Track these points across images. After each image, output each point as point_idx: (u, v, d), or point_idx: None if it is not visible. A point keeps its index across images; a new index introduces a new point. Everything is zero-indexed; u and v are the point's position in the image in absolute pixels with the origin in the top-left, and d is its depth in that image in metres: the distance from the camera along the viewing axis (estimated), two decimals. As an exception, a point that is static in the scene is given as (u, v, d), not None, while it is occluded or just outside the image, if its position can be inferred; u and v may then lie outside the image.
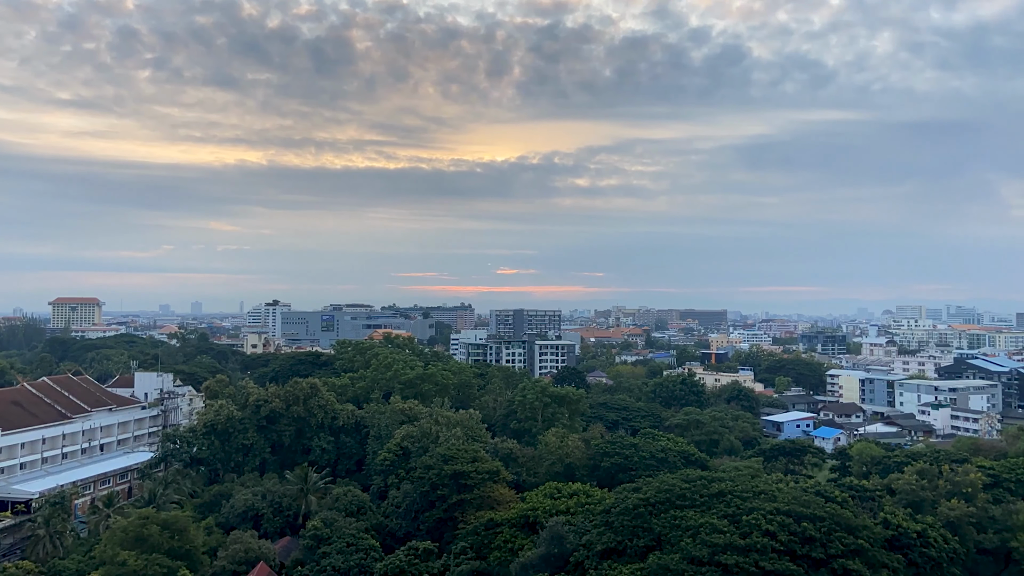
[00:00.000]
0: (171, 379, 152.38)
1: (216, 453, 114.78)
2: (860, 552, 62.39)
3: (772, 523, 62.76)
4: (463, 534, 78.95)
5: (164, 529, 73.53)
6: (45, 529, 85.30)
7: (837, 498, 72.80)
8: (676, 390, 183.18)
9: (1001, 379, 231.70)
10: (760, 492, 69.98)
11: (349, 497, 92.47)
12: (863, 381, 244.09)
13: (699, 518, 65.12)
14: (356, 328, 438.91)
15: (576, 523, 72.61)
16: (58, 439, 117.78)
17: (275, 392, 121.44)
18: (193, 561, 73.92)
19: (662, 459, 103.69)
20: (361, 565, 73.14)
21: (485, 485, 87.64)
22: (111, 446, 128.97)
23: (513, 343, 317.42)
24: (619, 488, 78.60)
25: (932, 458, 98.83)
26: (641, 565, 62.15)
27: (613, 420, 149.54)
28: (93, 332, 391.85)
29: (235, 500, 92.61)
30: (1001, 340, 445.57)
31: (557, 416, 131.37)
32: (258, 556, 74.56)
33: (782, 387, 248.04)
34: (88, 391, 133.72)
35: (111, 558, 69.55)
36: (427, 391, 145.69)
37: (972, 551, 77.15)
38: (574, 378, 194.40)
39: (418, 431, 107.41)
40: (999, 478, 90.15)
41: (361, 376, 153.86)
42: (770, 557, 59.57)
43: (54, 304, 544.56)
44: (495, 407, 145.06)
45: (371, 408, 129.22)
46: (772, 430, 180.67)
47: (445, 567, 72.75)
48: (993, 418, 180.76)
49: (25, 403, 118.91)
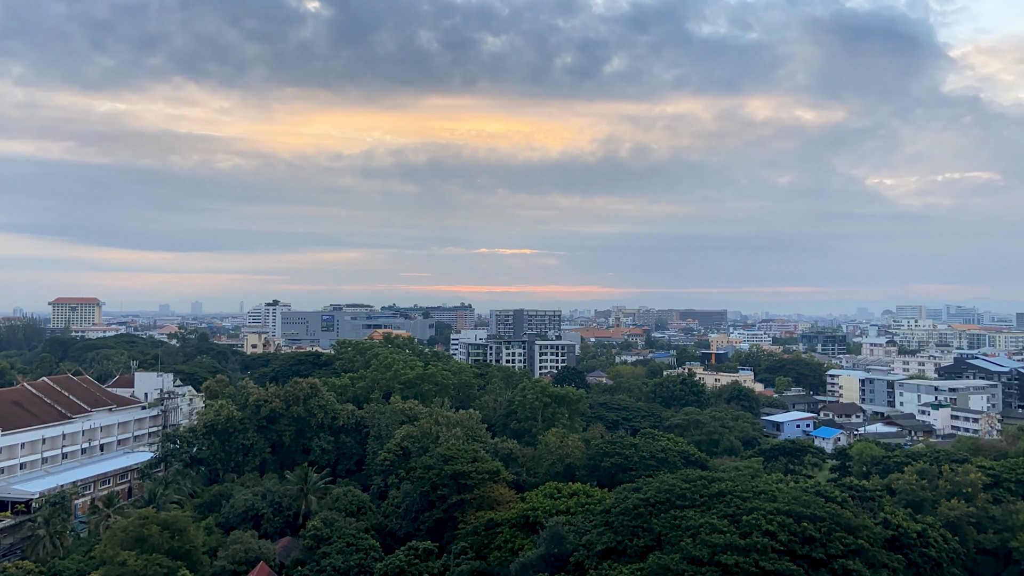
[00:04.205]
0: (171, 379, 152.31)
1: (216, 453, 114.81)
2: (860, 552, 62.41)
3: (772, 523, 62.77)
4: (463, 534, 78.93)
5: (164, 529, 73.51)
6: (45, 529, 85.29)
7: (837, 498, 72.80)
8: (676, 390, 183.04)
9: (1001, 379, 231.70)
10: (760, 492, 70.00)
11: (349, 497, 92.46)
12: (863, 381, 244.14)
13: (699, 518, 65.12)
14: (356, 328, 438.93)
15: (576, 523, 72.54)
16: (58, 439, 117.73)
17: (275, 392, 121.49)
18: (193, 561, 73.89)
19: (662, 459, 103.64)
20: (361, 565, 73.12)
21: (485, 485, 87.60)
22: (111, 446, 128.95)
23: (513, 343, 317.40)
24: (619, 488, 78.60)
25: (932, 458, 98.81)
26: (641, 565, 62.15)
27: (613, 420, 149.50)
28: (93, 332, 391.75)
29: (235, 500, 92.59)
30: (1001, 340, 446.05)
31: (557, 416, 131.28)
32: (258, 556, 74.56)
33: (782, 387, 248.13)
34: (88, 391, 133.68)
35: (111, 558, 69.58)
36: (427, 391, 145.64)
37: (972, 551, 77.25)
38: (574, 378, 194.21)
39: (418, 431, 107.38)
40: (999, 478, 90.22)
41: (361, 376, 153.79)
42: (770, 557, 59.58)
43: (54, 304, 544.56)
44: (495, 407, 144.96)
45: (371, 408, 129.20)
46: (772, 430, 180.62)
47: (445, 567, 72.68)
48: (993, 418, 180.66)
49: (25, 403, 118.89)
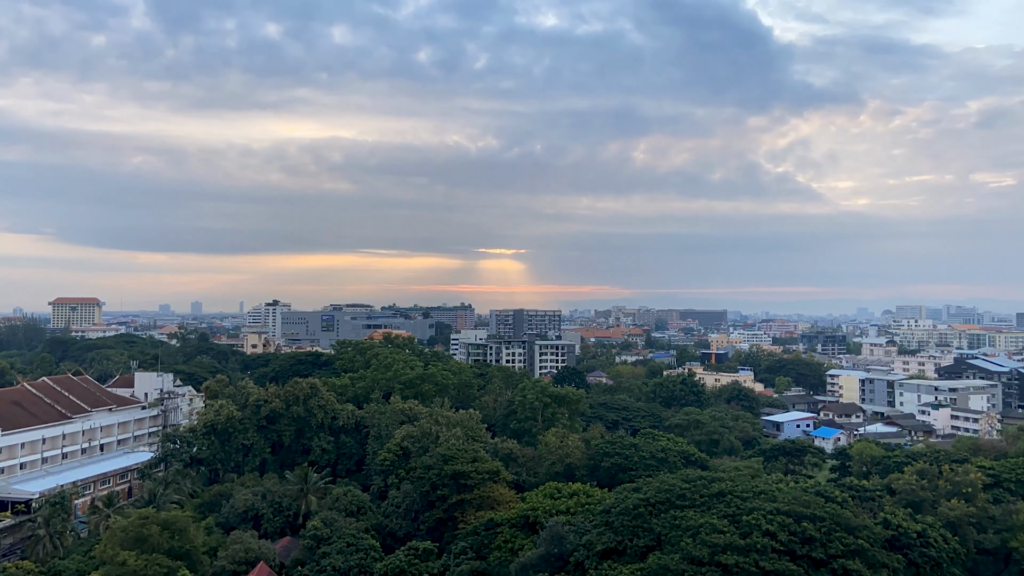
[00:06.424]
0: (171, 379, 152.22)
1: (216, 453, 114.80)
2: (860, 552, 62.43)
3: (772, 523, 62.78)
4: (463, 534, 78.93)
5: (164, 529, 73.43)
6: (45, 529, 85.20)
7: (837, 498, 72.82)
8: (676, 390, 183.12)
9: (1001, 379, 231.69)
10: (760, 492, 70.03)
11: (349, 497, 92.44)
12: (863, 381, 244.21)
13: (699, 518, 65.11)
14: (356, 328, 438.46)
15: (576, 523, 72.54)
16: (58, 439, 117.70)
17: (275, 392, 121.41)
18: (193, 561, 73.81)
19: (662, 459, 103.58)
20: (361, 565, 73.09)
21: (485, 485, 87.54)
22: (111, 446, 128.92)
23: (513, 343, 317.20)
24: (619, 488, 78.62)
25: (932, 458, 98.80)
26: (641, 565, 62.17)
27: (613, 420, 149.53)
28: (93, 332, 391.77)
29: (235, 500, 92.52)
30: (1001, 340, 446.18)
31: (557, 416, 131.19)
32: (258, 556, 74.53)
33: (782, 387, 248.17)
34: (88, 391, 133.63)
35: (111, 558, 69.52)
36: (427, 391, 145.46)
37: (972, 551, 77.30)
38: (574, 378, 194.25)
39: (418, 431, 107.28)
40: (999, 478, 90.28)
41: (361, 376, 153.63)
42: (770, 557, 59.60)
43: (54, 304, 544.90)
44: (495, 407, 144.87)
45: (371, 408, 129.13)
46: (772, 430, 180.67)
47: (445, 567, 72.72)
48: (993, 418, 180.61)
49: (25, 403, 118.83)
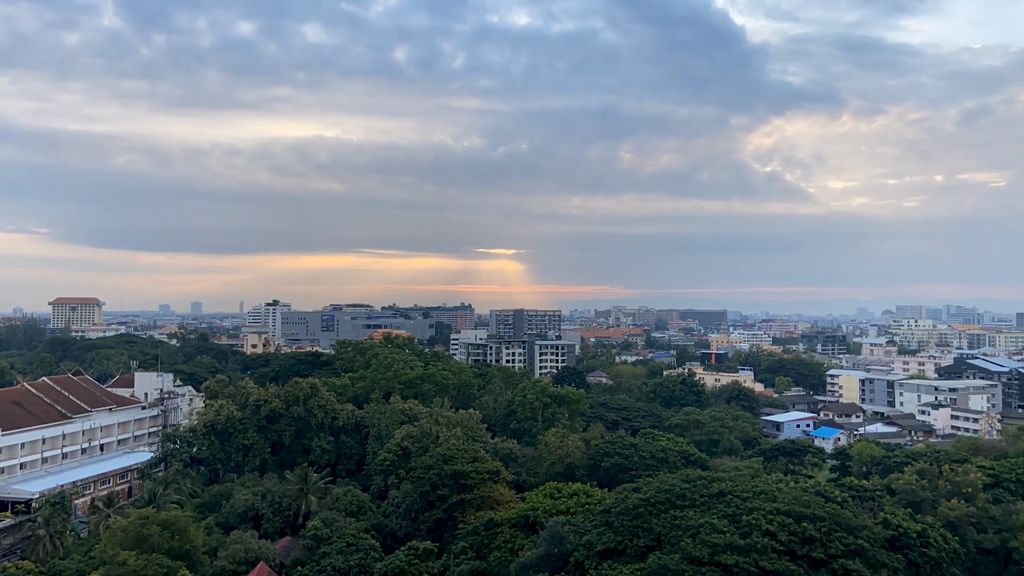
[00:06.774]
0: (171, 379, 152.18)
1: (216, 453, 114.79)
2: (860, 552, 62.43)
3: (772, 523, 62.79)
4: (463, 534, 78.95)
5: (164, 529, 73.43)
6: (45, 529, 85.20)
7: (837, 498, 72.80)
8: (676, 390, 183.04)
9: (1001, 379, 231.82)
10: (760, 492, 70.01)
11: (349, 497, 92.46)
12: (863, 381, 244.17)
13: (699, 518, 65.11)
14: (356, 328, 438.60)
15: (576, 523, 72.59)
16: (58, 439, 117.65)
17: (275, 392, 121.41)
18: (193, 561, 73.85)
19: (662, 459, 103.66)
20: (361, 565, 73.10)
21: (485, 485, 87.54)
22: (111, 446, 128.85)
23: (513, 343, 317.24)
24: (619, 488, 78.59)
25: (932, 458, 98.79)
26: (641, 565, 62.15)
27: (613, 420, 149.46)
28: (93, 332, 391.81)
29: (235, 500, 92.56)
30: (1001, 340, 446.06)
31: (557, 416, 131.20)
32: (258, 556, 74.56)
33: (782, 387, 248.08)
34: (88, 391, 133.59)
35: (111, 558, 69.52)
36: (427, 391, 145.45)
37: (972, 551, 77.25)
38: (574, 378, 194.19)
39: (418, 431, 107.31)
40: (999, 478, 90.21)
41: (361, 376, 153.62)
42: (770, 557, 59.60)
43: (54, 304, 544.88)
44: (495, 407, 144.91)
45: (371, 408, 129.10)
46: (772, 430, 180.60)
47: (445, 567, 72.71)
48: (993, 418, 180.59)
49: (25, 403, 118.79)
